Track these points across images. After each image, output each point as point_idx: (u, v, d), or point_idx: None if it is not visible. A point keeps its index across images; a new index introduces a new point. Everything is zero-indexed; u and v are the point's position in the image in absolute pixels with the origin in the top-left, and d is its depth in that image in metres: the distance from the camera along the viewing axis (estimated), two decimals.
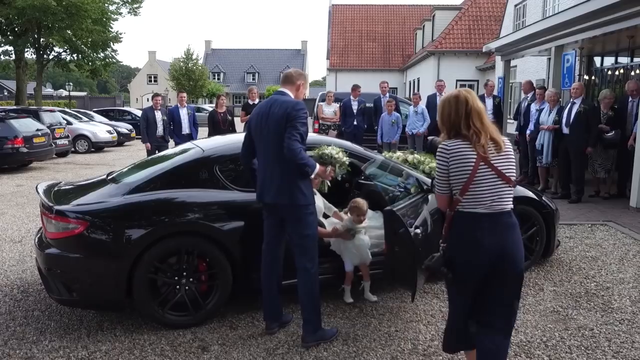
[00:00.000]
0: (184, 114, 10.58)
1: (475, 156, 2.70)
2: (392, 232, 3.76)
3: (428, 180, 4.62)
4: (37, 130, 14.00)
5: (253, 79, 64.01)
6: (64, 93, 53.94)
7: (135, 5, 27.74)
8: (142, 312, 4.10)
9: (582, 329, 4.00)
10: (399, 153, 5.88)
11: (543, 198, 5.41)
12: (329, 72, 40.17)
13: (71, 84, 38.48)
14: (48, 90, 57.19)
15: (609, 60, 13.22)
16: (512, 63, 19.58)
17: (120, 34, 25.91)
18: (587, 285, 4.91)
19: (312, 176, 3.70)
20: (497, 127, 2.96)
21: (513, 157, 2.82)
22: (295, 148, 3.51)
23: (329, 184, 4.62)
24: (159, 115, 10.51)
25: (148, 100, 62.72)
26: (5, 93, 52.73)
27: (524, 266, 5.07)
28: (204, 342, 3.90)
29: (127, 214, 4.02)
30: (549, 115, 9.11)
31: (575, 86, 8.61)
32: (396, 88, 36.22)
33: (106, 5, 25.26)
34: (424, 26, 32.79)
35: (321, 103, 12.06)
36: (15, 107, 19.97)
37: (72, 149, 17.69)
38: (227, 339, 3.93)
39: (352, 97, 11.51)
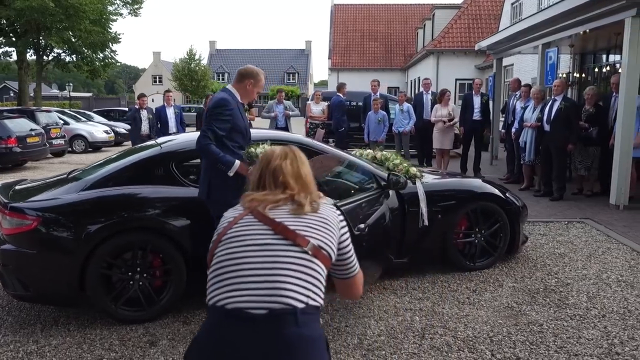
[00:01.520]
0: (170, 113, 10.65)
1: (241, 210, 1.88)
2: None
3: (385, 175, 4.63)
4: (31, 130, 14.13)
5: None
6: (70, 93, 54.34)
7: (135, 6, 27.93)
8: (96, 307, 4.15)
9: (531, 325, 4.00)
10: (369, 150, 5.91)
11: (507, 195, 5.41)
12: (330, 72, 40.18)
13: (71, 84, 38.84)
14: (54, 91, 57.62)
15: (601, 58, 13.16)
16: (509, 61, 19.59)
17: (119, 34, 26.12)
18: (547, 281, 4.91)
19: (231, 174, 3.64)
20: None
21: (327, 224, 1.85)
22: (202, 144, 3.61)
23: None
24: (144, 114, 10.61)
25: (153, 100, 63.14)
26: (12, 94, 53.21)
27: (487, 263, 5.15)
28: (154, 337, 3.93)
29: (79, 210, 4.07)
30: (532, 112, 9.09)
31: (556, 83, 8.58)
32: (398, 87, 36.19)
33: (106, 6, 25.44)
34: (424, 25, 32.75)
35: (309, 102, 12.09)
36: (11, 107, 20.14)
37: (69, 149, 17.82)
38: (178, 334, 3.96)
39: (341, 96, 11.52)
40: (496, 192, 5.34)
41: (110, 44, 26.14)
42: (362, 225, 3.74)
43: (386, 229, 4.64)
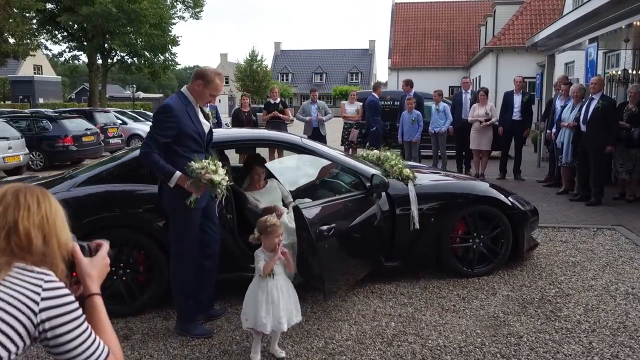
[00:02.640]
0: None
1: None
2: (299, 227, 3.73)
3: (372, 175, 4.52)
4: (87, 129, 14.90)
5: (320, 80, 64.49)
6: (142, 95, 56.98)
7: (197, 10, 28.88)
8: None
9: (510, 336, 3.78)
10: (375, 151, 5.81)
11: (510, 198, 5.14)
12: (390, 72, 39.79)
13: (134, 85, 40.58)
14: (127, 92, 60.49)
15: None
16: (569, 58, 18.62)
17: (178, 37, 27.13)
18: (546, 291, 4.62)
19: (171, 185, 3.54)
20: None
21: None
22: (142, 151, 3.59)
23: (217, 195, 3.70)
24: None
25: (219, 101, 64.88)
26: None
27: (487, 269, 4.91)
28: (131, 331, 4.04)
29: (63, 206, 4.24)
30: (571, 112, 8.61)
31: (593, 80, 8.08)
32: (458, 87, 35.28)
33: (166, 10, 26.48)
34: (486, 22, 31.74)
35: (344, 102, 12.02)
36: (72, 108, 21.30)
37: (126, 147, 18.67)
38: (153, 330, 4.05)
39: (376, 96, 11.36)
40: (497, 195, 5.08)
41: (169, 46, 27.18)
42: (324, 227, 3.67)
43: (374, 230, 4.56)
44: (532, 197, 8.55)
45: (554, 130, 9.35)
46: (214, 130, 4.14)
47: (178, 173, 3.54)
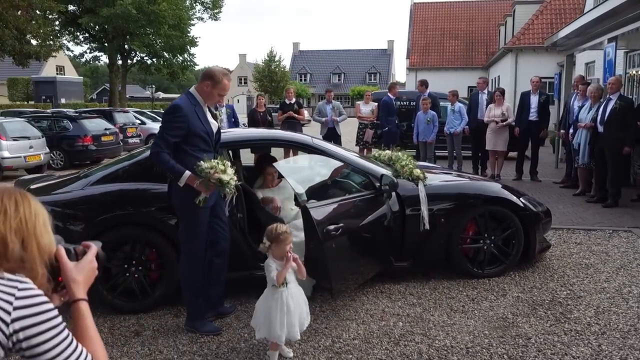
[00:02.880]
0: (222, 113, 10.97)
1: None
2: (307, 227, 3.76)
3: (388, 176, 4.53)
4: (106, 129, 15.13)
5: (339, 80, 64.46)
6: (161, 95, 57.70)
7: (215, 11, 29.12)
8: (90, 296, 4.39)
9: (518, 337, 3.77)
10: (387, 151, 5.82)
11: (522, 199, 5.10)
12: (408, 72, 39.62)
13: (153, 86, 41.13)
14: (146, 92, 61.21)
15: None
16: (589, 58, 18.36)
17: (197, 38, 27.40)
18: (557, 293, 4.58)
19: (181, 184, 3.60)
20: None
21: None
22: (152, 151, 3.66)
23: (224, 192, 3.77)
24: (222, 111, 10.97)
25: (238, 101, 65.26)
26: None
27: (497, 270, 4.88)
28: (142, 327, 4.11)
29: (77, 204, 4.34)
30: (588, 112, 8.50)
31: (611, 81, 7.97)
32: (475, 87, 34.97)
33: (186, 11, 26.77)
34: (506, 22, 31.44)
35: (359, 102, 12.02)
36: (92, 108, 21.61)
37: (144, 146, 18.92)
38: (164, 326, 4.11)
39: (391, 96, 11.35)
40: (508, 196, 5.05)
41: (188, 47, 27.46)
42: (331, 227, 3.70)
43: (384, 230, 4.57)
44: (548, 198, 8.48)
45: (570, 131, 9.24)
46: (229, 130, 4.20)
47: (187, 172, 3.59)
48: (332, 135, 10.86)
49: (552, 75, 25.62)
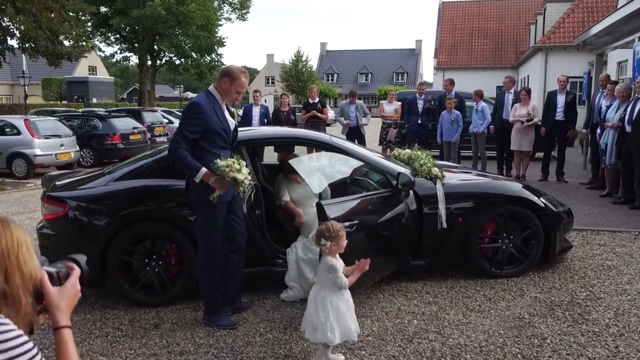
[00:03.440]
0: (256, 111, 11.10)
1: None
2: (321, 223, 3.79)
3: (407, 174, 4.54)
4: (134, 128, 15.44)
5: (366, 80, 64.35)
6: (190, 95, 58.42)
7: (243, 11, 29.42)
8: (113, 289, 4.52)
9: (534, 337, 3.74)
10: (407, 150, 5.82)
11: (543, 199, 5.05)
12: (436, 71, 39.37)
13: (181, 85, 41.74)
14: (175, 92, 62.11)
15: None
16: (622, 57, 17.94)
17: (224, 38, 27.74)
18: (577, 294, 4.52)
19: (197, 180, 3.70)
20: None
21: None
22: (171, 147, 3.74)
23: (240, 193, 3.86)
24: (256, 110, 11.16)
25: (265, 101, 65.68)
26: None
27: (516, 271, 4.84)
28: (161, 320, 4.21)
29: (101, 200, 4.47)
30: (615, 112, 8.34)
31: None
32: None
33: (214, 12, 27.11)
34: (536, 20, 30.94)
35: (382, 101, 12.01)
36: (121, 107, 22.01)
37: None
38: (182, 320, 4.20)
39: (417, 95, 11.33)
40: (528, 196, 5.00)
41: (216, 47, 27.82)
42: (346, 224, 3.73)
43: (401, 228, 4.58)
44: (573, 199, 8.36)
45: (598, 131, 9.07)
46: (249, 128, 4.27)
47: (204, 169, 3.68)
48: (355, 135, 10.89)
49: (581, 75, 25.15)
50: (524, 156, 10.37)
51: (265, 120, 11.32)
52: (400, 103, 11.36)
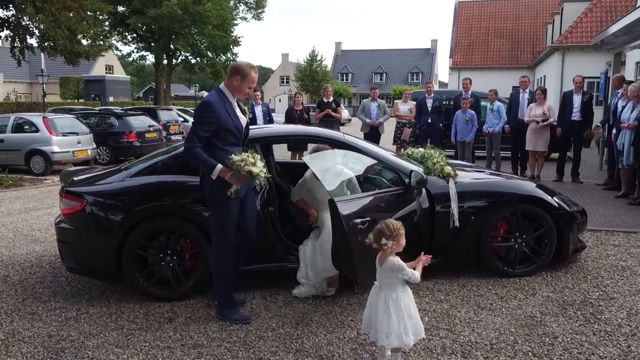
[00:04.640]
0: (258, 111, 11.17)
1: None
2: (334, 219, 3.83)
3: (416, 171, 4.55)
4: (150, 126, 15.60)
5: (380, 80, 64.20)
6: (205, 94, 58.93)
7: (258, 11, 29.55)
8: (129, 283, 4.60)
9: (545, 336, 3.74)
10: (420, 149, 5.84)
11: (556, 199, 5.03)
12: (451, 71, 39.16)
13: (197, 85, 42.08)
14: (191, 91, 62.52)
15: None
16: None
17: (239, 37, 27.88)
18: (589, 294, 4.51)
19: (214, 177, 3.76)
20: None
21: None
22: (186, 146, 3.80)
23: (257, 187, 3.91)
24: (259, 109, 11.25)
25: (280, 100, 65.87)
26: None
27: (529, 270, 4.83)
28: (175, 314, 4.27)
29: (117, 195, 4.54)
30: (631, 112, 8.26)
31: None
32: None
33: (229, 12, 27.27)
34: (553, 20, 30.66)
35: (397, 101, 12.01)
36: (137, 106, 22.19)
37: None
38: (196, 314, 4.26)
39: (426, 95, 11.33)
40: (541, 195, 4.98)
41: (231, 46, 27.98)
42: (358, 220, 3.76)
43: (413, 226, 4.59)
44: (589, 200, 8.30)
45: (614, 132, 8.99)
46: (263, 125, 4.32)
47: (219, 165, 3.75)
48: (374, 133, 10.94)
49: (599, 75, 24.86)
50: (538, 156, 10.31)
51: (268, 119, 11.43)
52: (414, 102, 11.35)
